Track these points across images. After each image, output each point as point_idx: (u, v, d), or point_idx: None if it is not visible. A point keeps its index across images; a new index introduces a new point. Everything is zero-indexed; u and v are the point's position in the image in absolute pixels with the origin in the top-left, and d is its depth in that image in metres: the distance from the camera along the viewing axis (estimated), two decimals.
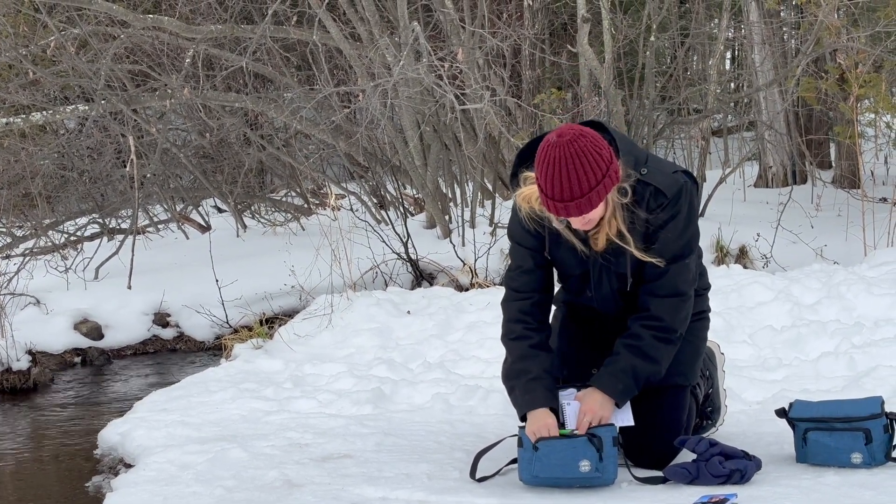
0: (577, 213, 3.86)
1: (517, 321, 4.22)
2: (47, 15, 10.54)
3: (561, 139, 3.79)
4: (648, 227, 4.02)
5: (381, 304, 7.65)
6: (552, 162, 3.79)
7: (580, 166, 3.78)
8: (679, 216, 4.02)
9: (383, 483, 4.14)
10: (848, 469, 3.96)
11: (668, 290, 4.07)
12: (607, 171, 3.82)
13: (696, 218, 4.13)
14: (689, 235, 4.08)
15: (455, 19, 9.98)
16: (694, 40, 12.47)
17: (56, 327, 8.74)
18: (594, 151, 3.80)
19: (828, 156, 12.87)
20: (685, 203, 4.03)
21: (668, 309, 4.07)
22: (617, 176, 3.88)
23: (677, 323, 4.09)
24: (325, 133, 10.55)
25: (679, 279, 4.07)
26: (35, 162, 11.78)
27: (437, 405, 5.44)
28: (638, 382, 4.05)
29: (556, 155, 3.79)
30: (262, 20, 10.54)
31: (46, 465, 6.00)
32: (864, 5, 9.72)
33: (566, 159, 3.78)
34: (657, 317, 4.07)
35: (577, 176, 3.78)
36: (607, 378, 4.05)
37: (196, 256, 10.26)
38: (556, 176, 3.79)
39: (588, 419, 3.98)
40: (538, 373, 4.10)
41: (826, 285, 7.02)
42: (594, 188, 3.80)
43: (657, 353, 4.06)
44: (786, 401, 4.67)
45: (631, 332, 4.09)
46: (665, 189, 4.00)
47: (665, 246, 4.03)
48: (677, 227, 4.02)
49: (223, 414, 5.49)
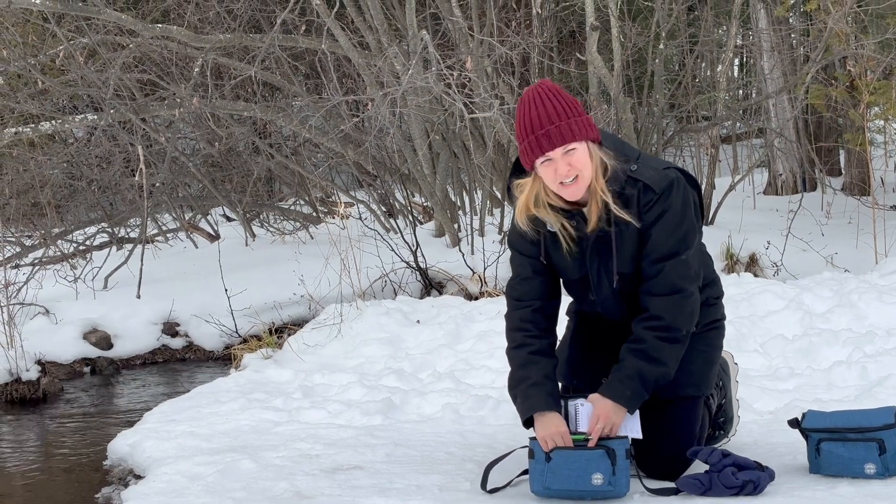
0: (560, 142, 3.87)
1: (518, 329, 4.20)
2: (56, 24, 10.56)
3: (535, 85, 3.97)
4: (642, 224, 3.98)
5: (390, 313, 7.63)
6: (528, 101, 3.93)
7: (556, 98, 3.90)
8: (670, 211, 3.97)
9: (394, 495, 4.11)
10: (861, 480, 3.93)
11: (666, 288, 4.00)
12: (584, 113, 3.92)
13: (690, 213, 4.04)
14: (683, 231, 4.00)
15: (464, 28, 9.97)
16: (703, 48, 12.45)
17: (65, 337, 8.74)
18: (568, 95, 3.95)
19: (837, 163, 12.86)
20: (676, 198, 3.98)
21: (668, 307, 4.00)
22: (594, 129, 3.93)
23: (680, 321, 4.02)
24: (334, 141, 10.55)
25: (675, 276, 4.00)
26: (44, 171, 11.80)
27: (447, 415, 5.42)
28: (646, 386, 4.00)
29: (531, 94, 3.94)
30: (270, 29, 10.54)
31: (56, 477, 5.99)
32: (873, 12, 9.70)
33: (542, 94, 3.92)
34: (657, 316, 4.00)
35: (555, 105, 3.89)
36: (616, 385, 4.01)
37: (205, 265, 10.27)
38: (534, 109, 3.90)
39: (601, 425, 3.94)
40: (538, 378, 4.07)
41: (837, 294, 6.99)
42: (573, 117, 3.88)
43: (661, 354, 4.00)
44: (798, 411, 4.65)
45: (634, 335, 4.04)
46: (653, 184, 3.96)
47: (658, 243, 3.98)
48: (669, 223, 3.97)
49: (233, 424, 5.47)
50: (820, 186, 11.30)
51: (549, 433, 3.93)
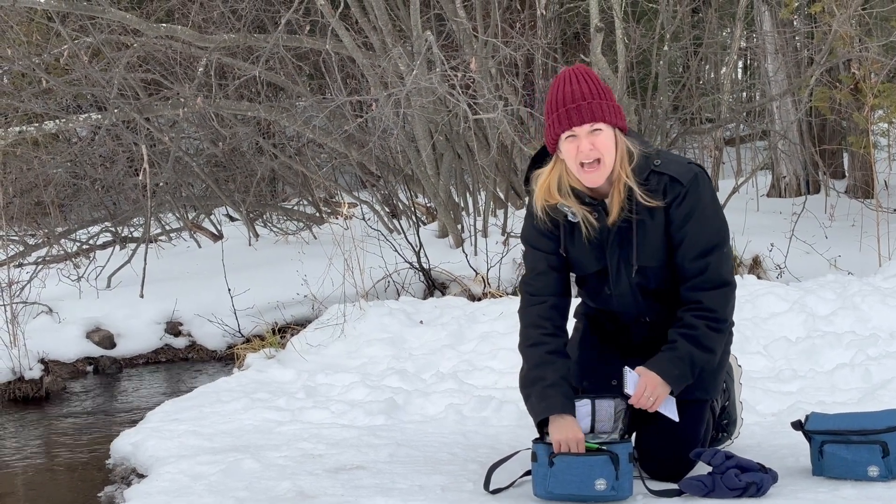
0: (588, 118, 3.93)
1: (534, 326, 4.18)
2: (60, 24, 10.57)
3: (573, 66, 4.07)
4: (670, 221, 4.01)
5: (393, 313, 7.63)
6: (562, 78, 4.02)
7: (590, 81, 3.98)
8: (701, 205, 4.01)
9: (397, 495, 4.11)
10: (865, 482, 3.93)
11: (716, 282, 4.03)
12: (615, 101, 4.00)
13: (720, 206, 4.11)
14: (718, 223, 4.06)
15: (468, 29, 9.98)
16: (707, 50, 12.46)
17: (68, 336, 8.75)
18: (601, 81, 4.02)
19: (841, 166, 12.85)
20: (706, 191, 4.03)
21: (719, 299, 4.03)
22: (622, 118, 3.99)
23: (728, 312, 4.07)
24: (338, 142, 10.55)
25: (722, 269, 4.04)
26: (48, 170, 11.82)
27: (450, 416, 5.42)
28: (693, 371, 4.01)
29: (567, 73, 4.03)
30: (275, 29, 10.55)
31: (58, 475, 5.99)
32: (878, 15, 9.70)
33: (577, 75, 4.00)
34: (710, 308, 4.01)
35: (589, 86, 3.97)
36: (665, 363, 4.00)
37: (208, 265, 10.27)
38: (567, 86, 3.98)
39: (648, 393, 3.95)
40: (554, 379, 4.05)
41: (841, 296, 6.98)
42: (604, 100, 3.95)
43: (712, 342, 4.02)
44: (801, 413, 4.64)
45: (684, 322, 4.03)
46: (679, 177, 4.00)
47: (696, 238, 4.01)
48: (704, 217, 4.01)
49: (235, 424, 5.47)
50: (823, 189, 11.30)
51: (565, 437, 3.92)
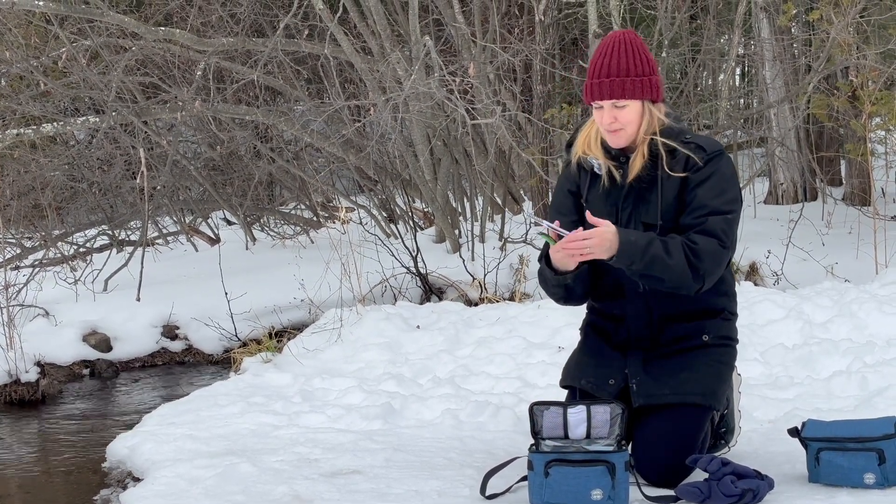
0: (610, 96, 4.03)
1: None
2: (58, 26, 10.57)
3: (620, 33, 4.14)
4: (687, 184, 4.06)
5: (390, 318, 7.63)
6: (605, 46, 4.11)
7: (628, 53, 4.06)
8: (718, 174, 4.06)
9: (393, 500, 4.12)
10: (860, 489, 3.93)
11: (709, 233, 4.02)
12: (650, 73, 4.08)
13: (737, 183, 4.15)
14: (731, 195, 4.09)
15: (466, 34, 9.99)
16: (705, 56, 12.46)
17: (64, 339, 8.73)
18: (647, 53, 4.11)
19: (838, 173, 12.86)
20: (727, 165, 4.10)
21: (706, 244, 4.00)
22: (658, 91, 4.08)
23: (707, 262, 3.99)
24: (336, 146, 10.55)
25: (719, 227, 4.03)
26: (45, 173, 11.80)
27: (446, 421, 5.42)
28: (644, 254, 3.93)
29: (610, 41, 4.11)
30: (273, 33, 10.55)
31: (54, 478, 5.99)
32: (876, 23, 9.71)
33: (618, 45, 4.08)
34: (695, 241, 4.00)
35: (626, 60, 4.05)
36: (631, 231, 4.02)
37: (205, 269, 10.26)
38: (605, 57, 4.07)
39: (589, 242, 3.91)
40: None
41: (837, 303, 6.99)
42: (634, 77, 4.05)
43: (677, 257, 3.97)
44: (797, 420, 4.65)
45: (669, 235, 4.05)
46: (706, 146, 4.09)
47: (704, 200, 4.05)
48: (718, 185, 4.06)
49: (232, 428, 5.46)
50: (821, 196, 11.30)
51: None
